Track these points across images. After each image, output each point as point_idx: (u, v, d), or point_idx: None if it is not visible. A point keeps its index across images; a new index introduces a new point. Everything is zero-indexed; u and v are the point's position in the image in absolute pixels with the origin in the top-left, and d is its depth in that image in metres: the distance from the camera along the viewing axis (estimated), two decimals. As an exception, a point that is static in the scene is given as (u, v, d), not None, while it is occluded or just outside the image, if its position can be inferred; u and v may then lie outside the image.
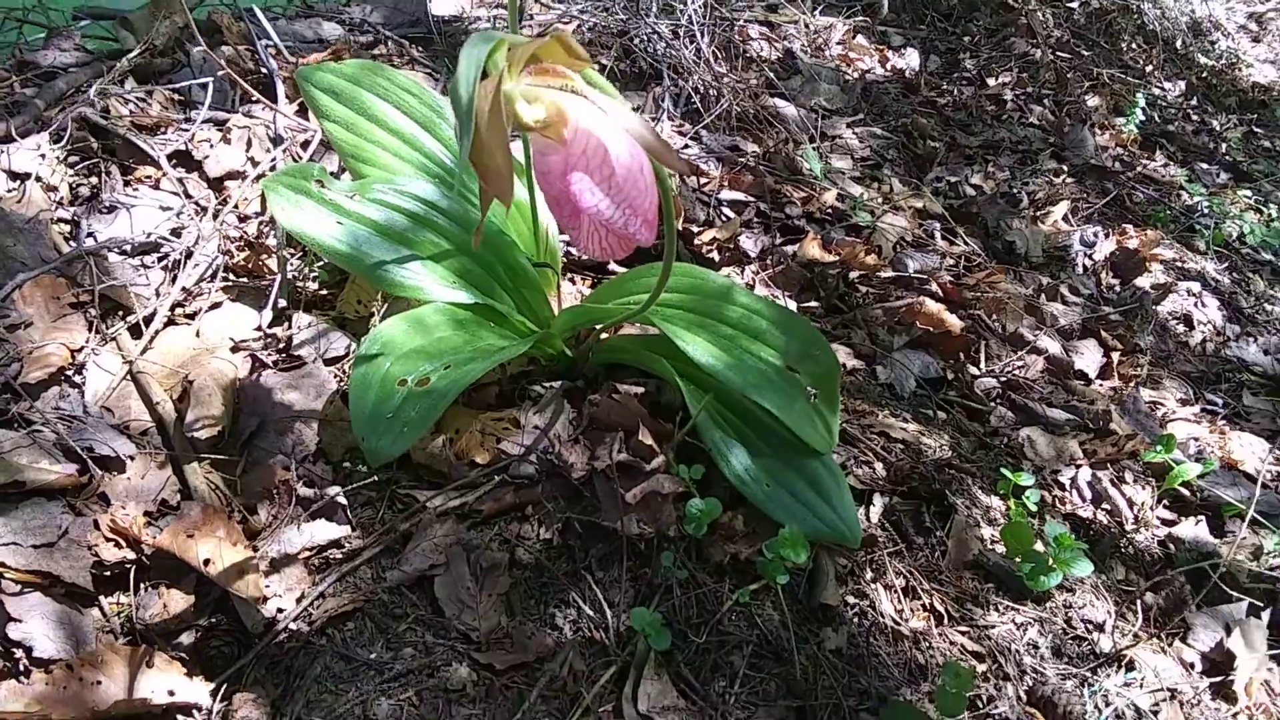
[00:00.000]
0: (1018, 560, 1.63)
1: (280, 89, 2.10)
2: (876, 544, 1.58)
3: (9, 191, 1.71)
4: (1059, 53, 4.87)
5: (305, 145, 2.03)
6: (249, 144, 1.92)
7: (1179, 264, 3.30)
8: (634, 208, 0.90)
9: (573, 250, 2.06)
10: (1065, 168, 3.79)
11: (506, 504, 1.47)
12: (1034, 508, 1.82)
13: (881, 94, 3.66)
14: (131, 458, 1.41)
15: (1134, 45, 5.57)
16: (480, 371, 1.45)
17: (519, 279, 1.76)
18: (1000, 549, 1.72)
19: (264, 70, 2.17)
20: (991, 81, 4.32)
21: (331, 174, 1.99)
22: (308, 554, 1.37)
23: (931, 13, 4.81)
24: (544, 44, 0.87)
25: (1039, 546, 1.72)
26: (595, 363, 1.74)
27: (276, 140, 1.97)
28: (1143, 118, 4.31)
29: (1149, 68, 5.38)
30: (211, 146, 1.90)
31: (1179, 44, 6.07)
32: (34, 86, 2.02)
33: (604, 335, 1.78)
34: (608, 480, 1.44)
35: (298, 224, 1.58)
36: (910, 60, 4.17)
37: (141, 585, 1.30)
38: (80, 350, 1.53)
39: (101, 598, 1.29)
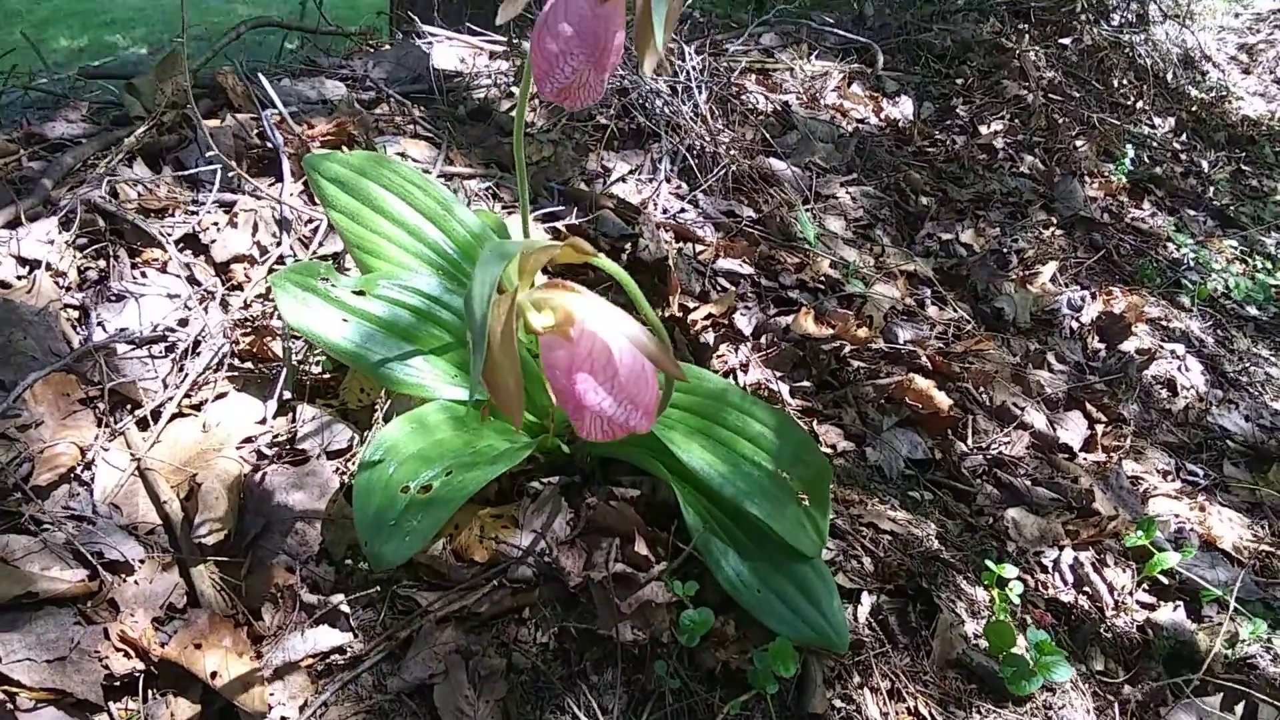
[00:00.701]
0: (1000, 660, 1.68)
1: (286, 165, 2.14)
2: (864, 646, 1.63)
3: (19, 279, 1.74)
4: (1051, 94, 4.94)
5: (310, 224, 2.07)
6: (255, 228, 1.96)
7: (1164, 323, 3.36)
8: (635, 403, 0.94)
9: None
10: (1055, 220, 3.85)
11: (504, 607, 1.51)
12: (1017, 600, 1.87)
13: (875, 147, 3.71)
14: (141, 561, 1.45)
15: (1125, 81, 5.65)
16: (481, 482, 1.49)
17: (522, 371, 1.80)
18: (984, 645, 1.77)
19: (269, 144, 2.20)
20: (984, 129, 4.38)
21: (336, 263, 2.04)
22: (311, 661, 1.40)
23: (926, 54, 4.87)
24: (558, 251, 0.91)
25: (1021, 645, 1.77)
26: (593, 456, 1.78)
27: (283, 224, 2.01)
28: (1131, 167, 4.39)
29: (1139, 103, 5.46)
30: (219, 230, 1.94)
31: (1169, 77, 6.16)
32: (41, 160, 2.04)
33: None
34: (603, 589, 1.48)
35: (304, 322, 1.61)
36: (904, 108, 4.23)
37: (150, 693, 1.34)
38: (89, 448, 1.56)
39: (111, 703, 1.33)
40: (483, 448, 1.62)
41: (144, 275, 1.84)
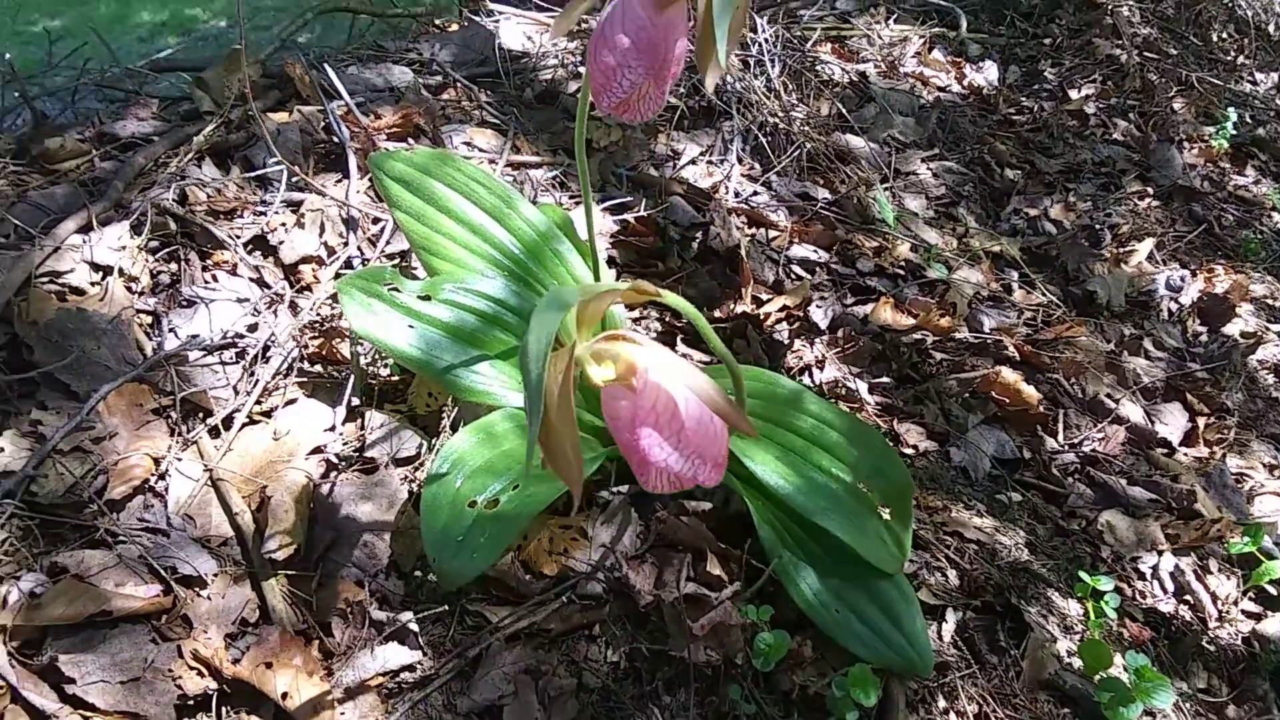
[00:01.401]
0: (1096, 683, 1.59)
1: (353, 161, 2.11)
2: (949, 667, 1.56)
3: (93, 285, 1.75)
4: (1146, 53, 4.67)
5: (378, 222, 2.04)
6: (322, 228, 1.94)
7: (1270, 302, 3.17)
8: (703, 456, 0.88)
9: (640, 330, 2.05)
10: (1151, 190, 3.65)
11: (574, 624, 1.48)
12: (1113, 613, 1.77)
13: (958, 117, 3.55)
14: (214, 575, 1.44)
15: (1225, 35, 5.32)
16: (549, 496, 1.45)
17: (588, 373, 1.76)
18: (1078, 665, 1.68)
19: (336, 138, 2.18)
20: (1074, 94, 4.16)
21: (403, 262, 2.01)
22: (380, 680, 1.39)
23: (1011, 13, 4.64)
24: (620, 295, 0.85)
25: (1118, 664, 1.68)
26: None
27: (350, 223, 1.98)
28: (1234, 131, 4.13)
29: (1240, 58, 5.14)
30: (286, 231, 1.92)
31: (1271, 28, 5.78)
32: (113, 160, 2.05)
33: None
34: (675, 609, 1.43)
35: (370, 329, 1.59)
36: (988, 74, 4.04)
37: (223, 712, 1.34)
38: (163, 459, 1.56)
39: (184, 720, 1.33)
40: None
41: (214, 279, 1.84)
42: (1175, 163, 3.86)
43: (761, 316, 2.16)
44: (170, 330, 1.73)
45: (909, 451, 2.02)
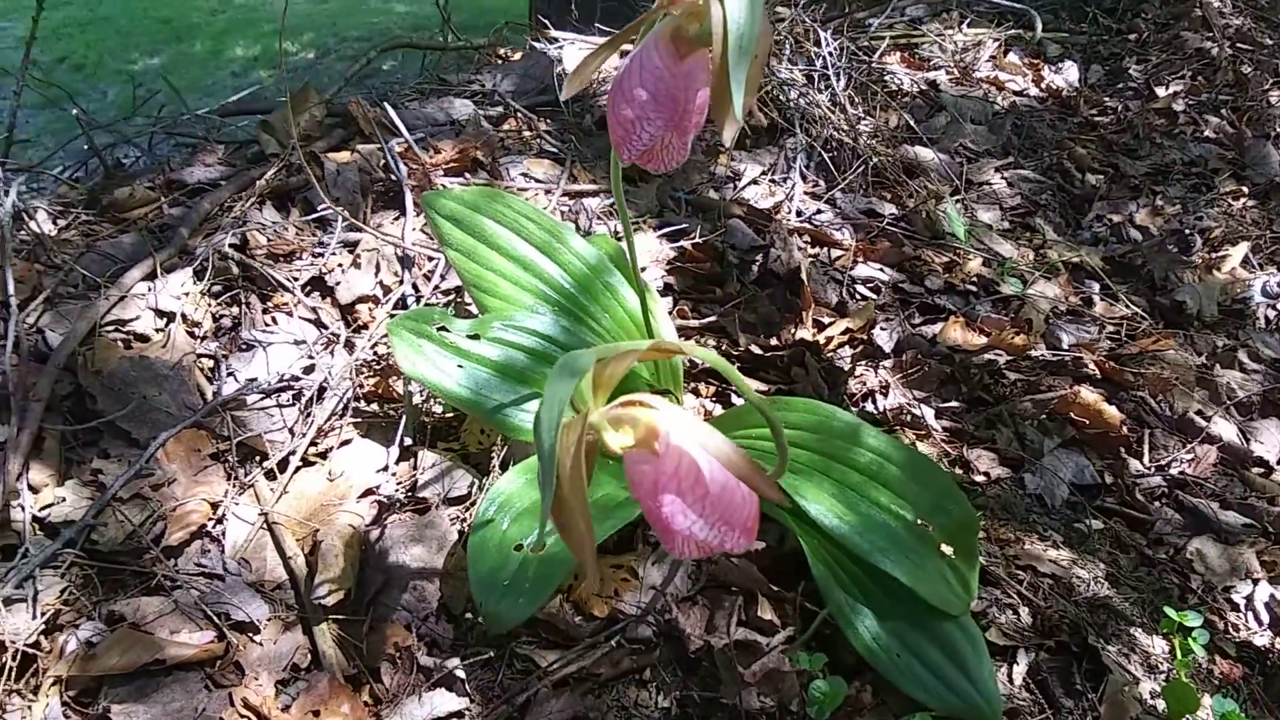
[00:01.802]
0: (1181, 728, 1.49)
1: (409, 199, 2.13)
2: (1019, 713, 1.48)
3: (156, 332, 1.80)
4: (1238, 44, 4.44)
5: (433, 260, 2.06)
6: (378, 267, 1.96)
7: (1381, 306, 2.96)
8: (730, 522, 0.84)
9: (694, 360, 2.01)
10: (1245, 189, 3.45)
11: (624, 669, 1.45)
12: (1202, 651, 1.66)
13: (1035, 121, 3.42)
14: (266, 621, 1.46)
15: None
16: (597, 538, 1.43)
17: (639, 407, 1.73)
18: (1161, 706, 1.58)
19: (394, 176, 2.21)
20: (1161, 91, 3.98)
21: (456, 302, 2.01)
22: (429, 727, 1.38)
23: (1093, 9, 4.46)
24: (638, 355, 0.82)
25: (1206, 706, 1.57)
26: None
27: (405, 261, 2.00)
28: (1338, 123, 3.88)
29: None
30: (343, 271, 1.95)
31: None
32: (181, 206, 2.11)
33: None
34: (726, 655, 1.39)
35: (420, 371, 1.59)
36: (1068, 75, 3.89)
37: (273, 759, 1.35)
38: (220, 503, 1.59)
39: (236, 766, 1.35)
40: (600, 498, 1.55)
41: (274, 321, 1.87)
42: (1272, 159, 3.65)
43: (822, 341, 2.10)
44: (229, 374, 1.77)
45: (979, 479, 1.94)
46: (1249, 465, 2.20)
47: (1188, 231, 3.08)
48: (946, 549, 1.49)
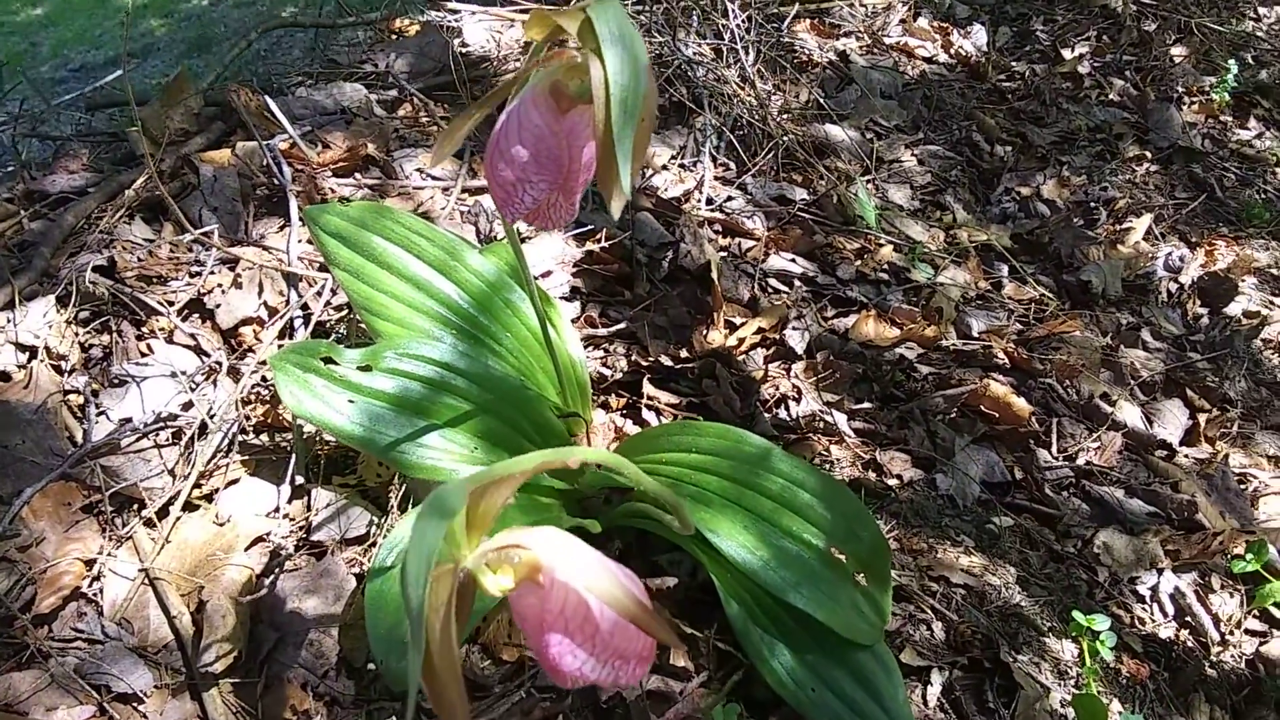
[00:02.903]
0: (1089, 742, 1.51)
1: (294, 208, 2.00)
2: (933, 737, 1.48)
3: (18, 369, 1.66)
4: (1142, -1, 4.49)
5: (324, 271, 1.94)
6: (261, 287, 1.83)
7: (1274, 272, 3.04)
8: (625, 656, 0.79)
9: (605, 371, 1.95)
10: (1149, 154, 3.50)
11: (535, 719, 1.40)
12: (1109, 654, 1.69)
13: (944, 91, 3.40)
14: (151, 690, 1.37)
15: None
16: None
17: (546, 433, 1.66)
18: (1071, 715, 1.60)
19: (277, 180, 2.07)
20: (1067, 53, 3.99)
21: (346, 320, 1.90)
22: (330, 794, 1.32)
23: (1001, -35, 4.44)
24: (519, 481, 0.75)
25: (1114, 714, 1.60)
26: (625, 525, 1.64)
27: (291, 279, 1.87)
28: (1235, 84, 3.95)
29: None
30: (223, 292, 1.82)
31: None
32: (43, 219, 1.95)
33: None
34: (639, 704, 1.35)
35: (308, 409, 1.49)
36: (977, 39, 3.87)
37: (163, 841, 1.27)
38: (94, 561, 1.48)
39: None
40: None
41: (149, 350, 1.74)
42: (1174, 122, 3.70)
43: (734, 344, 2.05)
44: (101, 414, 1.64)
45: (892, 483, 1.93)
46: (1152, 449, 2.24)
47: (1093, 204, 3.10)
48: (859, 577, 1.47)
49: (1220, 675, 1.81)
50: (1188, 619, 1.88)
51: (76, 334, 1.74)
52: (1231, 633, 1.88)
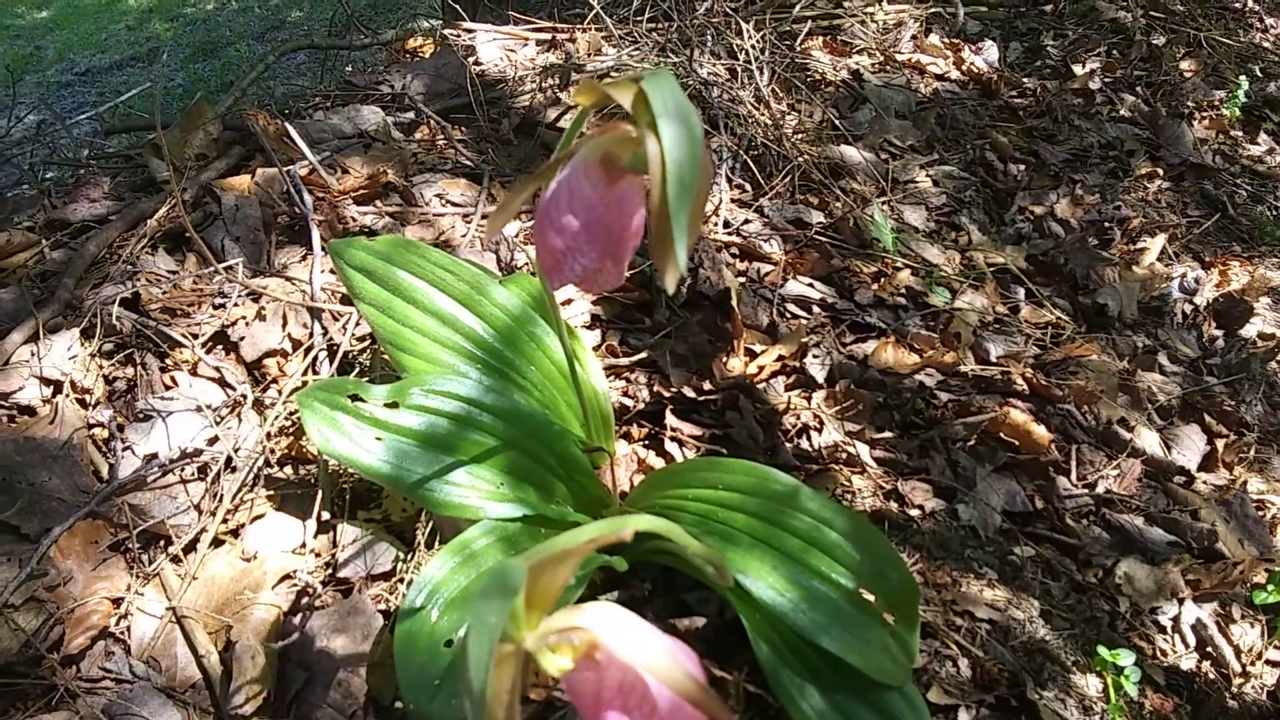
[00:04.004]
0: (1117, 782, 1.51)
1: (316, 238, 2.00)
2: (962, 778, 1.48)
3: (44, 403, 1.66)
4: (1151, 12, 4.49)
5: (347, 303, 1.94)
6: (285, 319, 1.83)
7: (1289, 292, 3.04)
8: (679, 733, 0.79)
9: (627, 401, 1.95)
10: (1161, 171, 3.50)
11: (564, 760, 1.40)
12: (1134, 689, 1.69)
13: (957, 110, 3.40)
14: (179, 732, 1.37)
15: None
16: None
17: (571, 467, 1.67)
18: (1097, 752, 1.60)
19: (298, 209, 2.07)
20: (1078, 69, 3.99)
21: (369, 351, 1.90)
22: (361, 838, 1.32)
23: (1011, -21, 4.45)
24: (580, 558, 0.74)
25: (1140, 750, 1.60)
26: (651, 562, 1.63)
27: (315, 312, 1.87)
28: (1245, 99, 3.95)
29: (1250, 3, 4.94)
30: (248, 324, 1.82)
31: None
32: (64, 248, 1.95)
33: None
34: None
35: (335, 447, 1.49)
36: (988, 55, 3.87)
37: None
38: (122, 599, 1.48)
39: None
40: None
41: (173, 382, 1.74)
42: (1185, 138, 3.70)
43: (755, 373, 2.05)
44: (127, 449, 1.64)
45: (914, 513, 1.93)
46: (1171, 476, 2.24)
47: (1107, 223, 3.10)
48: (887, 617, 1.47)
49: (1242, 707, 1.81)
50: (1209, 650, 1.88)
51: (101, 367, 1.74)
52: (1253, 664, 1.88)
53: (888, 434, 2.05)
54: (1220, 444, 2.36)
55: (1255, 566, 2.02)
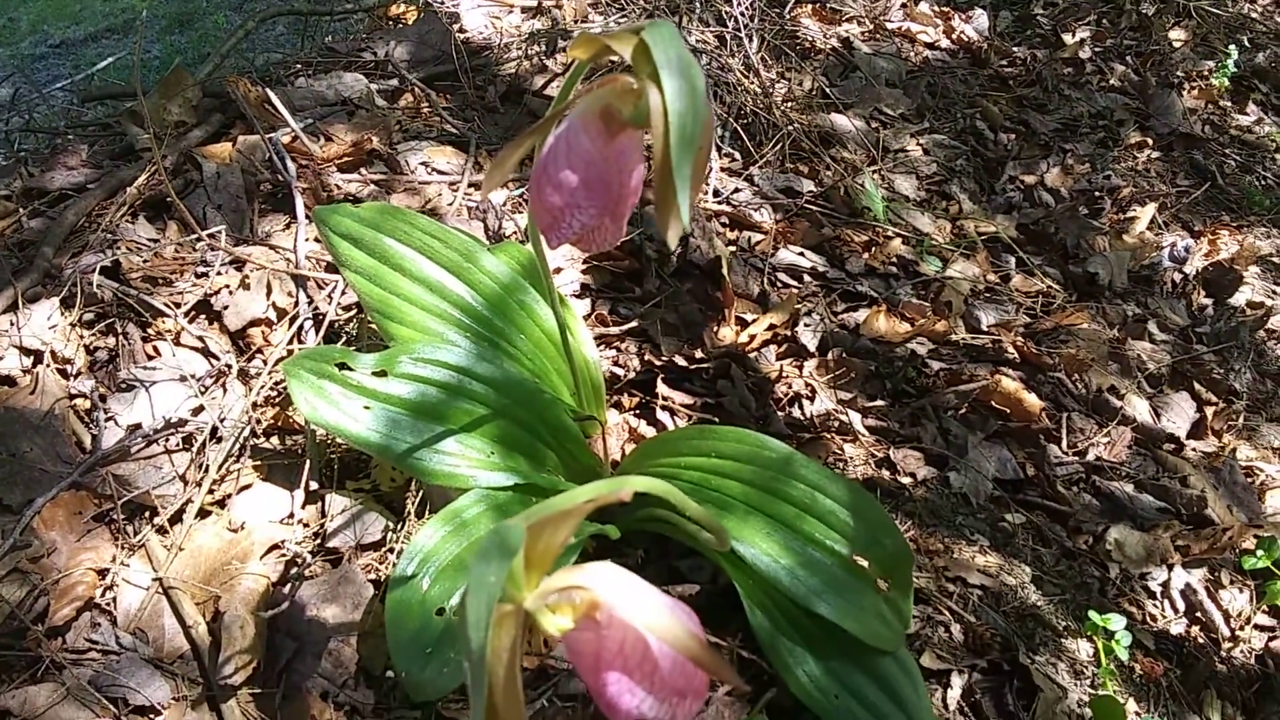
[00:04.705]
0: (1110, 744, 1.52)
1: (300, 206, 1.96)
2: (955, 742, 1.48)
3: (24, 374, 1.63)
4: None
5: (331, 271, 1.91)
6: (269, 287, 1.80)
7: (1276, 262, 3.04)
8: (682, 692, 0.77)
9: (617, 371, 1.93)
10: (1150, 140, 3.49)
11: (557, 728, 1.39)
12: (1125, 653, 1.69)
13: (947, 78, 3.38)
14: (169, 702, 1.35)
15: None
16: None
17: (562, 436, 1.65)
18: (1088, 714, 1.60)
19: (281, 177, 2.03)
20: (1068, 37, 3.97)
21: (356, 320, 1.88)
22: (354, 807, 1.31)
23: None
24: (579, 518, 0.72)
25: (1134, 717, 1.61)
26: (644, 530, 1.62)
27: (300, 280, 1.84)
28: (1235, 69, 3.94)
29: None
30: (231, 293, 1.79)
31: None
32: (42, 217, 1.91)
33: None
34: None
35: (323, 415, 1.47)
36: (978, 23, 3.84)
37: None
38: (108, 570, 1.46)
39: None
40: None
41: (155, 352, 1.71)
42: (1175, 108, 3.69)
43: (746, 342, 2.04)
44: (109, 420, 1.61)
45: (906, 481, 1.92)
46: (1161, 443, 2.24)
47: (1097, 192, 3.09)
48: (882, 583, 1.46)
49: (1231, 671, 1.81)
50: (1198, 615, 1.89)
51: (81, 337, 1.71)
52: (1242, 629, 1.89)
53: (879, 402, 2.04)
54: (1209, 411, 2.36)
55: (1244, 532, 2.02)
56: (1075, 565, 1.90)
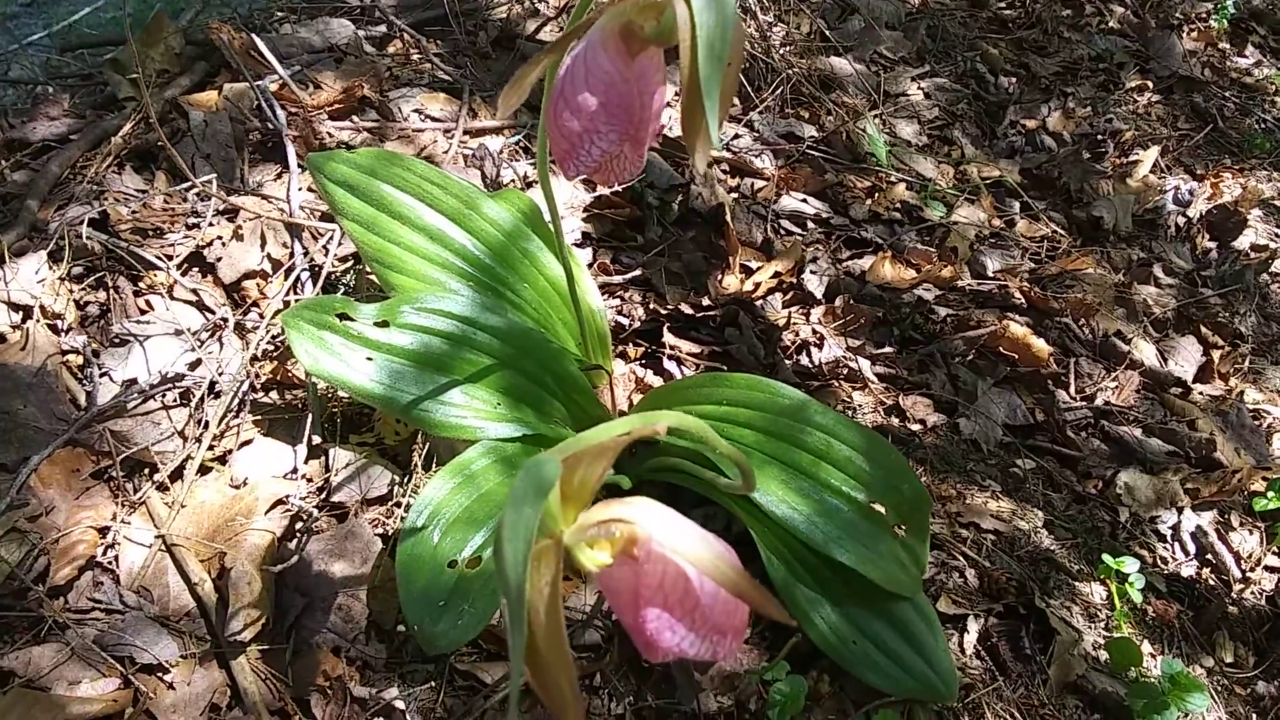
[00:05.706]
0: (1128, 688, 1.51)
1: (291, 154, 1.90)
2: (974, 686, 1.47)
3: (13, 330, 1.58)
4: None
5: (326, 220, 1.85)
6: (263, 238, 1.75)
7: (1278, 204, 3.01)
8: (722, 630, 0.74)
9: (622, 320, 1.89)
10: (1151, 83, 3.44)
11: (574, 678, 1.37)
12: (1138, 595, 1.68)
13: (946, 20, 3.31)
14: (177, 660, 1.33)
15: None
16: (536, 551, 1.33)
17: (569, 386, 1.61)
18: (1104, 656, 1.59)
19: (271, 124, 1.96)
20: (1066, -21, 3.89)
21: (353, 270, 1.83)
22: (369, 763, 1.29)
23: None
24: (616, 450, 0.69)
25: (1146, 653, 1.60)
26: (655, 480, 1.60)
27: (293, 229, 1.79)
28: (1232, 11, 3.88)
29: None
30: (224, 244, 1.73)
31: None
32: (25, 169, 1.84)
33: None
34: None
35: (324, 367, 1.43)
36: (976, -36, 3.76)
37: (199, 814, 1.24)
38: (108, 529, 1.42)
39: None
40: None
41: (149, 306, 1.66)
42: (1175, 50, 3.64)
43: (752, 288, 2.00)
44: (104, 375, 1.57)
45: (916, 428, 1.90)
46: (1168, 387, 2.22)
47: (1099, 136, 3.05)
48: (898, 529, 1.44)
49: (1242, 612, 1.81)
50: (1209, 557, 1.89)
51: (71, 291, 1.66)
52: (1253, 570, 1.89)
53: (887, 349, 2.01)
54: (1216, 355, 2.34)
55: (1253, 475, 2.01)
56: (1086, 509, 1.89)
